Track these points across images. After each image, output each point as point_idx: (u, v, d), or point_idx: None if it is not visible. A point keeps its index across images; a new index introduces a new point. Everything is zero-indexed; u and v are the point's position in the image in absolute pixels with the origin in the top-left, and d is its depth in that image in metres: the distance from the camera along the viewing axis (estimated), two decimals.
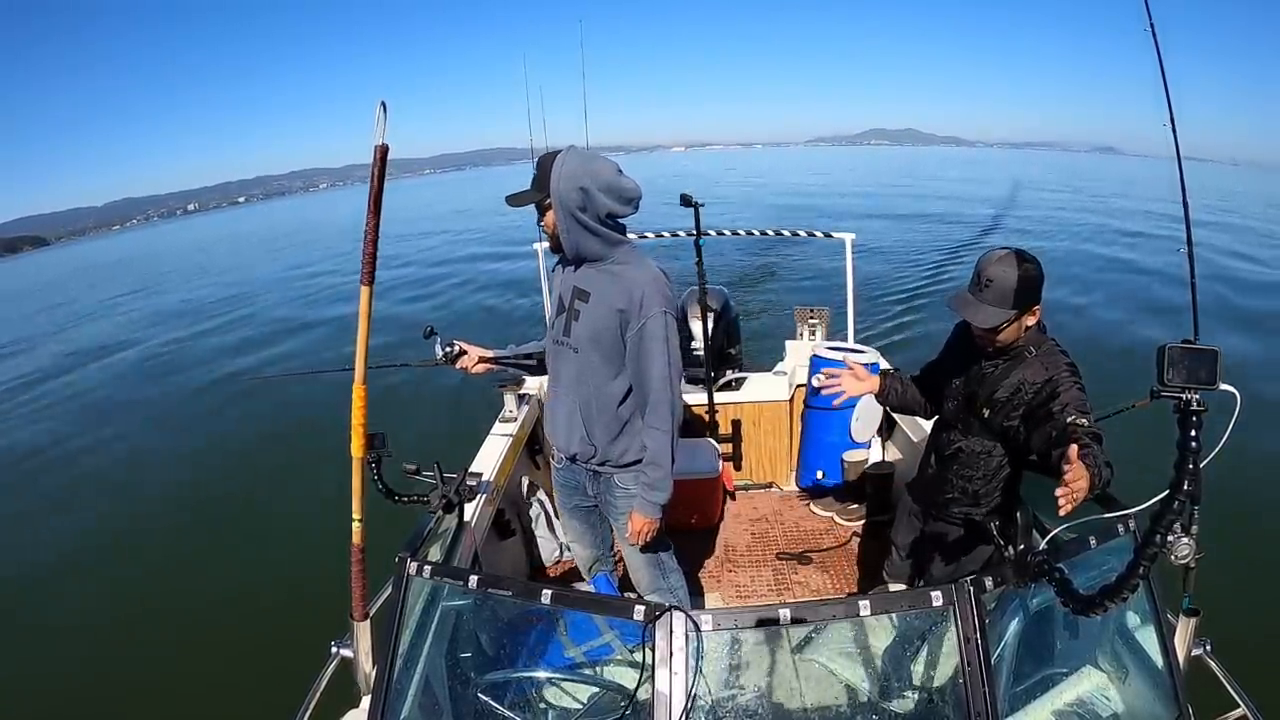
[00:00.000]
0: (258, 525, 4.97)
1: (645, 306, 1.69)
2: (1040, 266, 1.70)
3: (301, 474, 5.47)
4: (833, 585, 2.86)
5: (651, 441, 1.80)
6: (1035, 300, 1.69)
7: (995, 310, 1.66)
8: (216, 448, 6.57)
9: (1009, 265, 1.65)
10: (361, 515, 1.55)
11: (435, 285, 13.70)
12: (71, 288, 26.67)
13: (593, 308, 1.75)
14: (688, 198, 3.06)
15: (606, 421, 1.83)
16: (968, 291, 1.72)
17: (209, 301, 15.63)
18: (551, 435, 1.97)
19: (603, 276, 1.74)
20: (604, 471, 1.91)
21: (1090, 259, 13.65)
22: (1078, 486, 1.23)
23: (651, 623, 1.20)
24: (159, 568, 4.56)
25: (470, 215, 30.27)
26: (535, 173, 1.70)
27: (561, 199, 1.65)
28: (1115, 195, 30.62)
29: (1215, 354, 1.10)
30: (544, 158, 1.70)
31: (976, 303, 1.68)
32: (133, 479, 6.18)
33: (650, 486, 1.82)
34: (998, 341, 1.73)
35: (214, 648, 3.56)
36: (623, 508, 1.94)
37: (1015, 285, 1.64)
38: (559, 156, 1.67)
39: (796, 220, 18.35)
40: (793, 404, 3.60)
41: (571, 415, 1.85)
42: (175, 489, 5.80)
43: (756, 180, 43.54)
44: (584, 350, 1.78)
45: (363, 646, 1.62)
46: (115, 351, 11.64)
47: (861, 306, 4.55)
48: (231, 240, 40.05)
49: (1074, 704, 1.49)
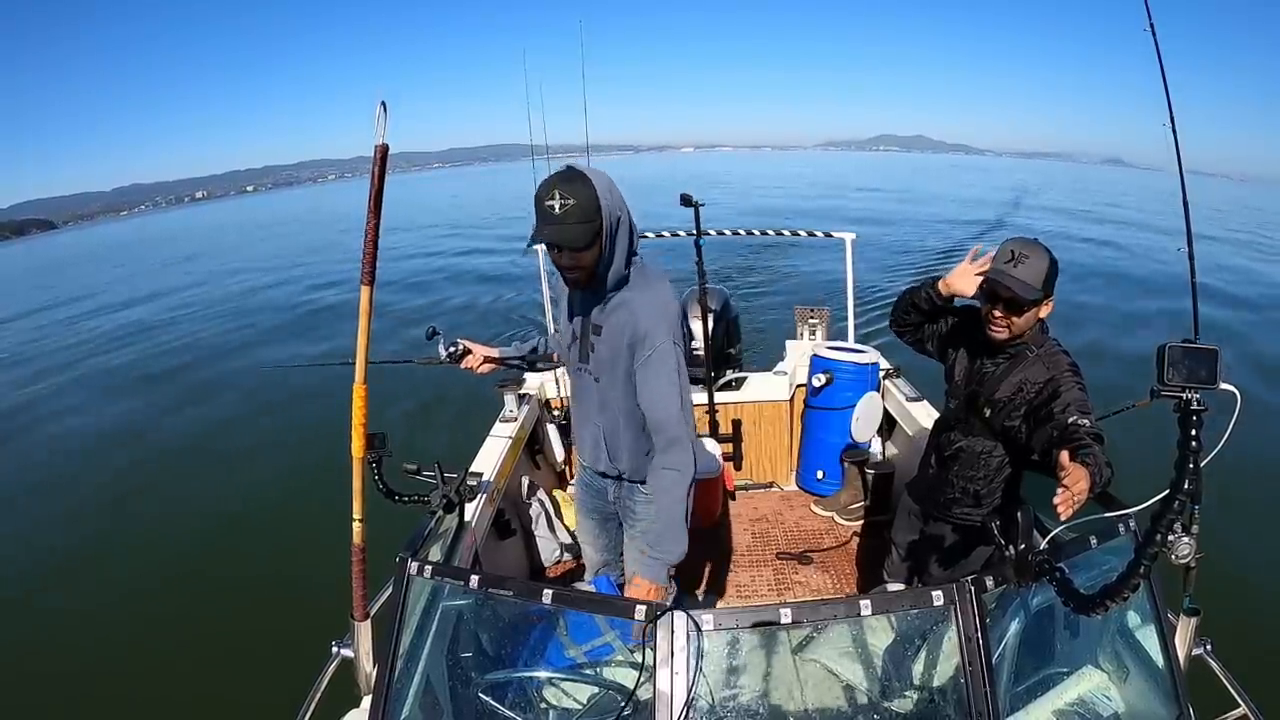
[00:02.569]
0: (258, 525, 4.97)
1: (650, 339, 1.58)
2: (1058, 263, 1.69)
3: (302, 473, 5.47)
4: (833, 585, 2.86)
5: (659, 483, 1.62)
6: (1053, 292, 1.69)
7: (1029, 285, 1.63)
8: (217, 447, 6.57)
9: (1040, 248, 1.66)
10: (362, 515, 1.55)
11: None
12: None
13: (606, 341, 1.68)
14: (688, 198, 3.06)
15: (630, 443, 1.80)
16: (1000, 265, 1.68)
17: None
18: (579, 450, 1.98)
19: (611, 308, 1.64)
20: (629, 483, 1.90)
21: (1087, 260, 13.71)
22: (1078, 489, 1.21)
23: (652, 623, 1.20)
24: (159, 567, 4.56)
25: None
26: (570, 202, 1.44)
27: (610, 231, 1.50)
28: (1109, 205, 30.69)
29: (1215, 353, 1.10)
30: (574, 185, 1.45)
31: (1012, 274, 1.64)
32: (132, 478, 6.17)
33: (651, 543, 1.62)
34: (1015, 328, 1.69)
35: (214, 647, 3.55)
36: (640, 514, 1.92)
37: (1046, 268, 1.64)
38: (592, 182, 1.47)
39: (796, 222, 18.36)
40: (793, 404, 3.60)
41: (597, 440, 1.84)
42: (175, 489, 5.79)
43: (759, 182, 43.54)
44: (605, 380, 1.74)
45: (363, 646, 1.62)
46: (122, 340, 11.66)
47: (861, 305, 4.55)
48: (279, 223, 39.94)
49: (1074, 704, 1.49)
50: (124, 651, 3.71)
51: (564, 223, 1.45)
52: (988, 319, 1.73)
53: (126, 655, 3.68)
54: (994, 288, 1.66)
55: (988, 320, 1.73)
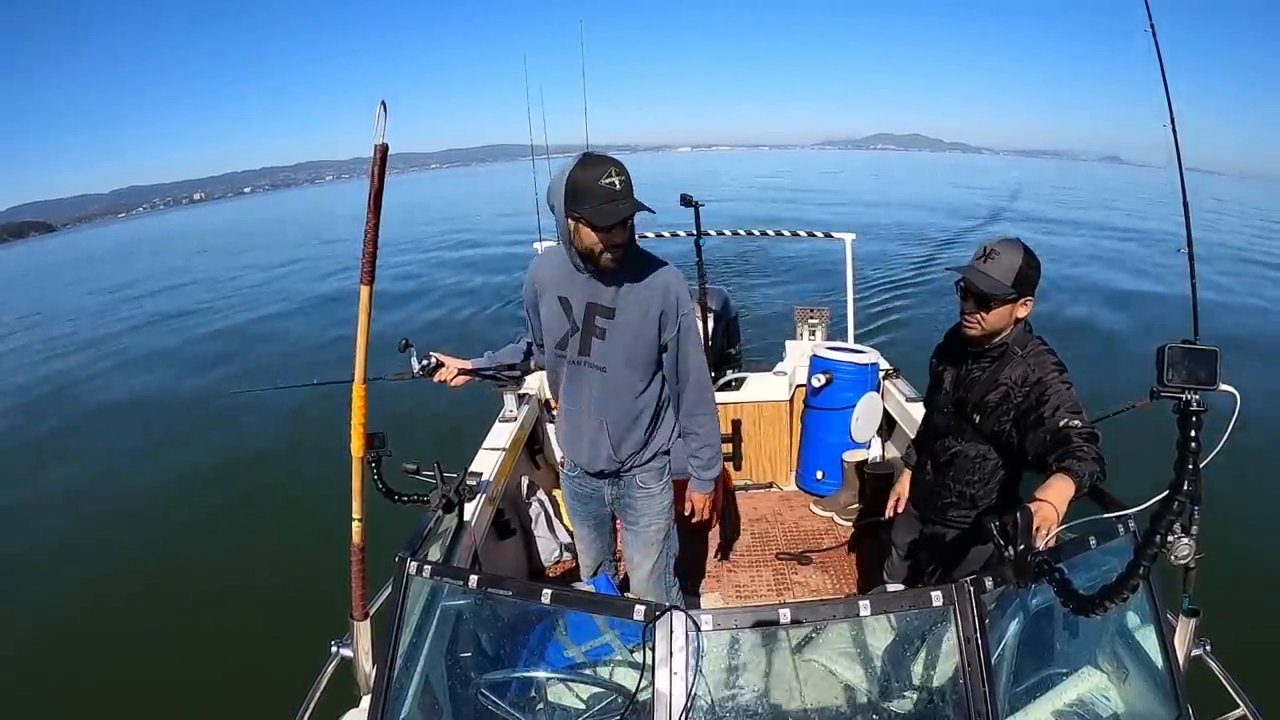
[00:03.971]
0: (258, 525, 4.97)
1: (681, 304, 1.74)
2: (1040, 264, 1.70)
3: (302, 473, 5.47)
4: (833, 585, 2.86)
5: (701, 426, 1.89)
6: (1030, 292, 1.69)
7: (997, 283, 1.66)
8: (216, 447, 6.57)
9: (1015, 247, 1.68)
10: (361, 515, 1.55)
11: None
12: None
13: (624, 322, 1.70)
14: (688, 197, 3.06)
15: (636, 434, 1.83)
16: (971, 262, 1.73)
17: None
18: (571, 453, 1.95)
19: (625, 287, 1.68)
20: (626, 475, 1.91)
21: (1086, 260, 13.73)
22: (1044, 523, 1.25)
23: (652, 623, 1.20)
24: (159, 567, 4.56)
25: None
26: (624, 176, 1.53)
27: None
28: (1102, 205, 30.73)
29: (1215, 354, 1.10)
30: (616, 162, 1.54)
31: (981, 272, 1.68)
32: (131, 477, 6.17)
33: (705, 466, 1.93)
34: (986, 325, 1.71)
35: (214, 647, 3.55)
36: (641, 509, 1.94)
37: (1019, 266, 1.65)
38: (614, 165, 1.55)
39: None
40: (793, 404, 3.60)
41: (598, 435, 1.83)
42: (175, 488, 5.79)
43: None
44: (614, 368, 1.74)
45: (363, 646, 1.62)
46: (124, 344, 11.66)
47: (860, 304, 4.57)
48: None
49: (1074, 704, 1.49)
50: (123, 650, 3.72)
51: (630, 196, 1.54)
52: (961, 316, 1.77)
53: (126, 654, 3.69)
54: (965, 283, 1.71)
55: (961, 317, 1.77)
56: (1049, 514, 1.26)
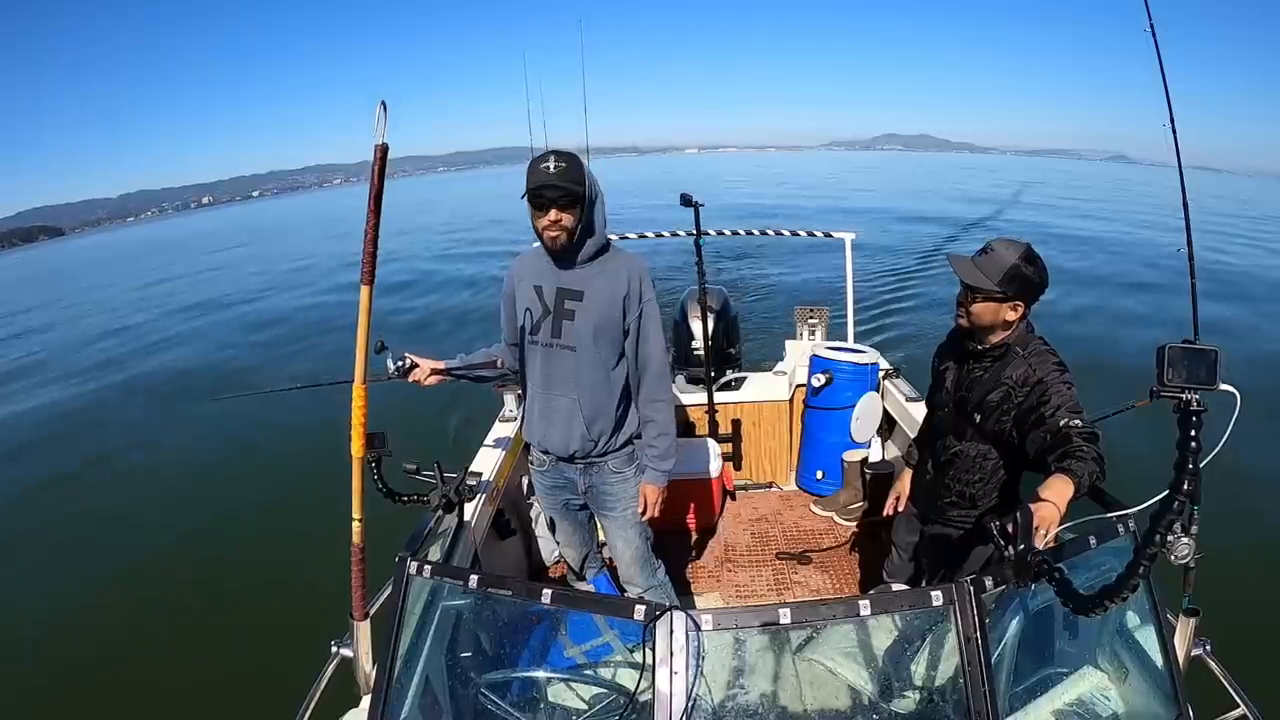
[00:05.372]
0: (258, 525, 4.96)
1: (645, 289, 1.84)
2: (1045, 274, 1.70)
3: (302, 473, 5.46)
4: (833, 585, 2.86)
5: (658, 413, 1.92)
6: (1022, 296, 1.69)
7: (982, 276, 1.67)
8: (217, 447, 6.57)
9: (1015, 248, 1.68)
10: (361, 515, 1.55)
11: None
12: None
13: (591, 303, 1.80)
14: (688, 197, 3.06)
15: (608, 412, 1.88)
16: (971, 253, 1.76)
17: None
18: (543, 438, 1.96)
19: (592, 273, 1.81)
20: (598, 461, 1.94)
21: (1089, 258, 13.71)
22: (1045, 523, 1.25)
23: (652, 623, 1.20)
24: (159, 567, 4.56)
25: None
26: (563, 165, 1.70)
27: (595, 197, 1.76)
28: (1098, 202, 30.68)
29: (1215, 354, 1.10)
30: (567, 156, 1.72)
31: (970, 262, 1.71)
32: (131, 477, 6.17)
33: (660, 456, 1.93)
34: (971, 317, 1.74)
35: (214, 647, 3.55)
36: (616, 494, 1.97)
37: (1010, 267, 1.66)
38: (576, 158, 1.73)
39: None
40: (793, 404, 3.60)
41: (571, 415, 1.87)
42: (174, 489, 5.79)
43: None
44: (585, 347, 1.81)
45: (363, 646, 1.62)
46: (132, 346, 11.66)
47: (860, 304, 4.56)
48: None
49: (1074, 704, 1.49)
50: (123, 650, 3.72)
51: (564, 180, 1.68)
52: (957, 317, 1.81)
53: (126, 653, 3.69)
54: (953, 270, 1.75)
55: (957, 315, 1.80)
56: (1049, 514, 1.26)
